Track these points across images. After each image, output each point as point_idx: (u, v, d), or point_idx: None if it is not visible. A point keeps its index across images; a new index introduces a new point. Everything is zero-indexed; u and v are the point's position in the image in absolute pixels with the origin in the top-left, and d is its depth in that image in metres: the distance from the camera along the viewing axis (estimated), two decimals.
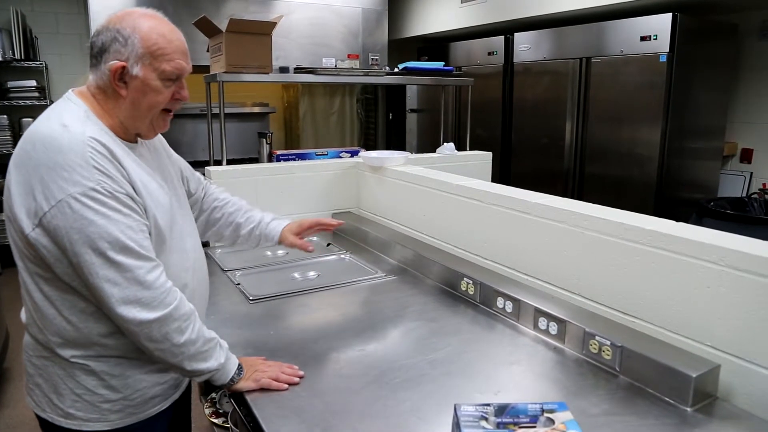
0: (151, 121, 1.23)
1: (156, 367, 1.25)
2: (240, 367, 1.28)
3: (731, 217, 3.01)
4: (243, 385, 1.26)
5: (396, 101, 6.13)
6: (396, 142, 6.12)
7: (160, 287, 1.15)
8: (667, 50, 3.35)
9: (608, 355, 1.32)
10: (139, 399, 1.24)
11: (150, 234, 1.19)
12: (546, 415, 1.02)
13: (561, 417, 1.01)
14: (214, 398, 2.53)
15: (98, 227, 1.08)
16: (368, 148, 4.91)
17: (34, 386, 1.24)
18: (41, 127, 1.13)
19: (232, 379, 1.26)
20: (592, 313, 1.49)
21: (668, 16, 3.34)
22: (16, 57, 4.71)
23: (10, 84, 4.82)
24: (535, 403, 1.04)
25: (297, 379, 1.29)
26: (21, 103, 4.83)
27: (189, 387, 1.47)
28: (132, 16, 1.19)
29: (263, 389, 1.26)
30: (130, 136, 1.25)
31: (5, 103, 4.78)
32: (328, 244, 2.41)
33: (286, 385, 1.26)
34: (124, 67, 1.16)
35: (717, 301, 1.22)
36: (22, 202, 1.10)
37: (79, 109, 1.18)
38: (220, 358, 1.24)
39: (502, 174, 4.58)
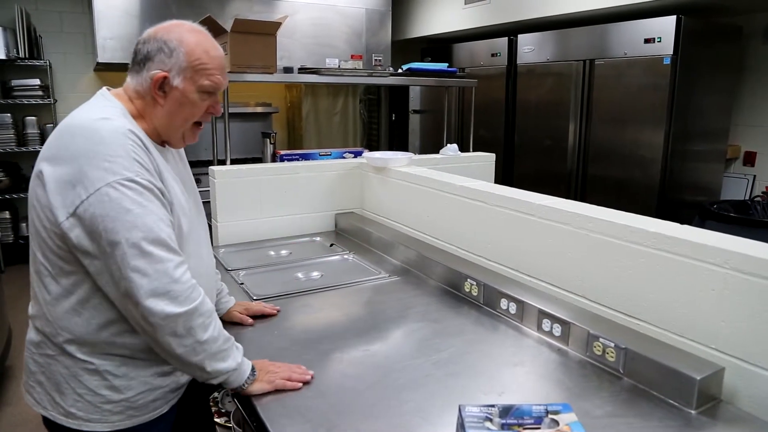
0: (183, 132, 1.28)
1: (159, 370, 1.26)
2: (253, 369, 1.27)
3: (734, 220, 3.01)
4: (257, 387, 1.25)
5: (399, 102, 6.13)
6: (399, 143, 6.13)
7: (187, 282, 1.16)
8: (671, 52, 3.36)
9: (612, 357, 1.32)
10: (140, 401, 1.24)
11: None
12: (550, 416, 1.02)
13: (565, 418, 1.01)
14: (216, 398, 2.53)
15: (135, 216, 1.10)
16: (371, 149, 4.91)
17: (36, 384, 1.24)
18: (80, 119, 1.16)
19: (246, 381, 1.25)
20: (595, 315, 1.49)
21: (672, 19, 3.34)
22: (21, 55, 4.72)
23: (14, 83, 4.83)
24: (540, 405, 1.04)
25: (308, 378, 1.28)
26: (25, 101, 4.84)
27: (195, 390, 1.45)
28: (180, 29, 1.23)
29: (278, 390, 1.25)
30: (160, 141, 1.29)
31: (9, 101, 4.79)
32: (331, 245, 2.41)
33: (300, 384, 1.26)
34: (165, 78, 1.20)
35: (721, 304, 1.22)
36: (58, 191, 1.10)
37: (115, 107, 1.21)
38: (238, 358, 1.25)
39: (504, 175, 4.58)
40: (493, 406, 1.04)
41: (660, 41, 3.40)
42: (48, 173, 1.12)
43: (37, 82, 4.90)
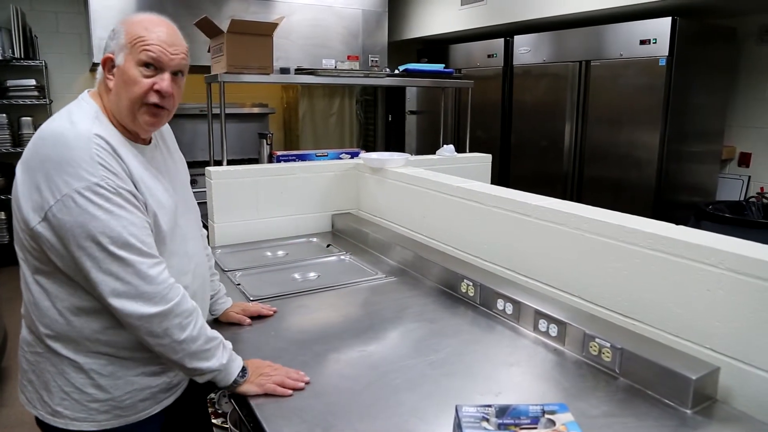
0: (135, 114, 1.22)
1: (147, 370, 1.25)
2: (244, 370, 1.27)
3: (729, 221, 3.02)
4: (246, 388, 1.25)
5: (395, 103, 6.13)
6: (395, 144, 6.13)
7: (163, 282, 1.16)
8: (667, 54, 3.37)
9: (608, 357, 1.33)
10: (128, 401, 1.23)
11: (151, 232, 1.20)
12: (547, 416, 1.02)
13: (562, 418, 1.01)
14: (213, 398, 2.53)
15: (101, 222, 1.10)
16: (367, 150, 4.91)
17: (27, 383, 1.26)
18: (52, 125, 1.16)
19: (235, 382, 1.25)
20: (592, 315, 1.49)
21: (668, 20, 3.35)
22: (16, 56, 4.71)
23: (10, 83, 4.82)
24: (536, 405, 1.04)
25: (302, 385, 1.26)
26: (20, 102, 4.83)
27: (192, 390, 1.45)
28: (132, 16, 1.24)
29: (267, 394, 1.24)
30: (137, 136, 1.27)
31: (4, 102, 4.78)
32: (328, 245, 2.41)
33: (291, 391, 1.24)
34: (111, 59, 1.21)
35: (716, 304, 1.23)
36: (29, 196, 1.13)
37: (90, 109, 1.21)
38: (223, 359, 1.24)
39: (501, 176, 4.59)
40: (489, 406, 1.04)
41: (655, 42, 3.41)
42: (21, 178, 1.15)
43: (32, 82, 4.88)
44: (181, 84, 1.27)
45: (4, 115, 4.81)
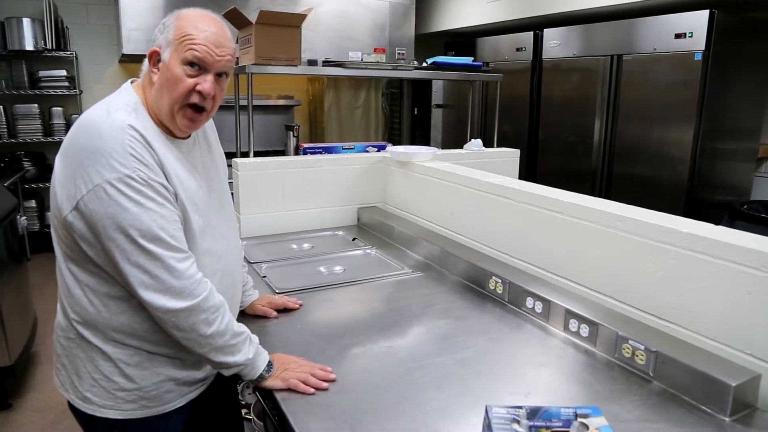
0: (173, 113, 1.20)
1: (172, 363, 1.26)
2: (270, 364, 1.27)
3: (765, 221, 2.94)
4: (271, 383, 1.25)
5: (421, 96, 6.09)
6: (421, 138, 6.10)
7: (190, 277, 1.16)
8: (703, 48, 3.27)
9: (642, 359, 1.29)
10: (154, 392, 1.24)
11: (181, 225, 1.20)
12: (580, 419, 0.99)
13: (595, 422, 0.98)
14: (237, 389, 2.54)
15: (131, 215, 1.10)
16: (393, 143, 4.88)
17: (61, 366, 1.27)
18: (90, 114, 1.16)
19: (260, 376, 1.25)
20: (624, 316, 1.45)
21: (705, 13, 3.26)
22: (48, 47, 4.78)
23: (41, 73, 4.91)
24: (569, 407, 1.02)
25: (326, 385, 1.24)
26: (51, 92, 4.91)
27: (222, 386, 1.45)
28: (183, 10, 1.22)
29: (290, 390, 1.23)
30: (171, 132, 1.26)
31: (36, 92, 4.87)
32: (354, 239, 2.40)
33: (313, 390, 1.22)
34: (157, 52, 1.20)
35: (759, 309, 1.18)
36: (64, 184, 1.13)
37: (130, 99, 1.21)
38: (249, 354, 1.24)
39: (528, 172, 4.52)
40: (520, 407, 1.01)
41: (691, 36, 3.32)
42: (57, 167, 1.16)
43: (63, 73, 4.97)
44: (224, 86, 1.25)
45: (36, 105, 4.90)
